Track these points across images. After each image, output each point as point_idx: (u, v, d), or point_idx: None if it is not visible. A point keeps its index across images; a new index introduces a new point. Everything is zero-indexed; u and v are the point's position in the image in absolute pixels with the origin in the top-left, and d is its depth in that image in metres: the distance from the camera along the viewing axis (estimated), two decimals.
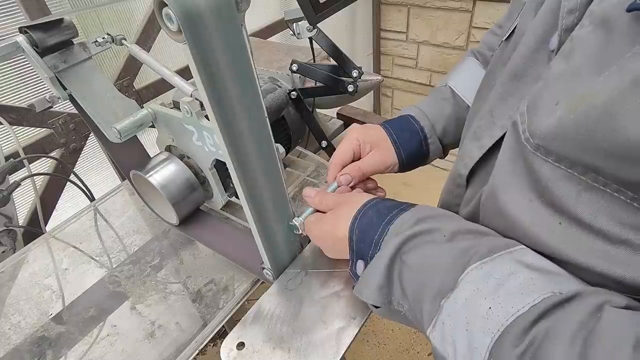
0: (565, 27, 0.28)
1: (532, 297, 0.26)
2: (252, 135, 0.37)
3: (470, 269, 0.30)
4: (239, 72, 0.33)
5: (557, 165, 0.26)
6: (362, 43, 2.02)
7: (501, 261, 0.29)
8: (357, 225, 0.40)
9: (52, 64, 0.50)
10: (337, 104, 0.78)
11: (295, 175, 0.71)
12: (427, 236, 0.35)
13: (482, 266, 0.30)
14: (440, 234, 0.34)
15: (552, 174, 0.27)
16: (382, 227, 0.38)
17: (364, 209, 0.41)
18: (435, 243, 0.34)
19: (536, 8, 0.34)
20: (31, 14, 0.80)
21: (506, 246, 0.31)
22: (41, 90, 0.88)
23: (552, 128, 0.26)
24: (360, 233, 0.40)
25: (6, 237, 0.72)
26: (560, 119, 0.25)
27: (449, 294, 0.30)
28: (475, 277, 0.29)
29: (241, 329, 0.43)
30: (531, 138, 0.28)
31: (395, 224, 0.37)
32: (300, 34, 0.55)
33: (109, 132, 0.52)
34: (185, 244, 0.62)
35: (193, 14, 0.28)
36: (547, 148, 0.27)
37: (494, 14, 1.65)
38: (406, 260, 0.34)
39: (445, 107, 0.55)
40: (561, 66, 0.27)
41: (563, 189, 0.26)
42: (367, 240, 0.39)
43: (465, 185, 0.40)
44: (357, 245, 0.40)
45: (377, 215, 0.39)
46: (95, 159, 1.06)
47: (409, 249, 0.35)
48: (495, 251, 0.30)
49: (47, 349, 0.50)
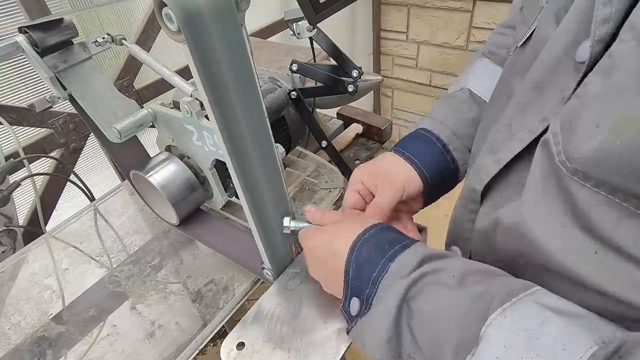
0: (598, 37, 0.26)
1: (578, 355, 0.23)
2: (252, 135, 0.37)
3: (491, 318, 0.27)
4: (239, 72, 0.33)
5: (596, 190, 0.25)
6: (362, 43, 2.02)
7: (524, 306, 0.27)
8: (355, 257, 0.37)
9: (52, 64, 0.50)
10: (337, 104, 0.78)
11: (295, 175, 0.71)
12: (434, 277, 0.32)
13: (504, 314, 0.27)
14: (448, 274, 0.32)
15: (590, 199, 0.25)
16: (382, 265, 0.35)
17: (362, 238, 0.38)
18: (445, 286, 0.31)
19: (557, 13, 0.33)
20: (31, 14, 0.80)
21: (524, 288, 0.28)
22: (41, 90, 0.88)
23: (594, 153, 0.24)
24: (357, 267, 0.36)
25: (6, 237, 0.72)
26: (603, 144, 0.23)
27: (473, 349, 0.27)
28: (501, 329, 0.26)
29: (241, 329, 0.43)
30: (568, 161, 0.26)
31: (398, 263, 0.34)
32: (300, 34, 0.55)
33: (109, 132, 0.52)
34: (185, 244, 0.62)
35: (193, 14, 0.28)
36: (586, 173, 0.25)
37: (494, 14, 1.65)
38: (415, 307, 0.32)
39: (465, 111, 0.50)
40: (600, 84, 0.25)
41: (601, 215, 0.25)
42: (364, 277, 0.35)
43: (479, 200, 0.37)
44: (353, 282, 0.36)
45: (377, 249, 0.36)
46: (95, 159, 1.06)
47: (416, 293, 0.32)
48: (513, 294, 0.28)
49: (47, 349, 0.50)
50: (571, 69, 0.29)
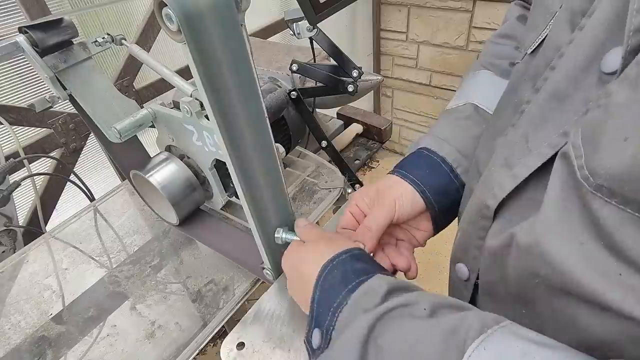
0: (631, 47, 0.24)
1: None
2: (252, 135, 0.37)
3: (470, 350, 0.25)
4: (239, 72, 0.33)
5: (622, 208, 0.23)
6: (362, 43, 2.03)
7: (502, 337, 0.26)
8: (320, 284, 0.35)
9: (52, 64, 0.50)
10: (337, 104, 0.78)
11: (295, 175, 0.71)
12: (403, 310, 0.30)
13: (483, 345, 0.25)
14: (418, 307, 0.30)
15: (614, 217, 0.23)
16: (345, 294, 0.33)
17: (331, 264, 0.36)
18: (415, 318, 0.29)
19: (571, 19, 0.31)
20: (31, 14, 0.80)
21: (495, 321, 0.27)
22: (41, 90, 0.88)
23: (622, 168, 0.22)
24: (321, 295, 0.34)
25: (6, 237, 0.72)
26: (633, 159, 0.22)
27: None
28: None
29: (241, 329, 0.43)
30: (591, 177, 0.24)
31: (360, 293, 0.32)
32: (300, 34, 0.55)
33: (109, 132, 0.52)
34: (185, 244, 0.62)
35: (193, 13, 0.28)
36: (611, 189, 0.23)
37: (494, 14, 1.65)
38: (383, 344, 0.29)
39: (471, 128, 0.47)
40: (627, 95, 0.23)
41: (627, 234, 0.23)
42: (325, 306, 0.33)
43: (492, 217, 0.35)
44: (317, 310, 0.34)
45: (342, 277, 0.34)
46: (95, 159, 1.06)
47: (383, 329, 0.29)
48: (487, 326, 0.27)
49: (47, 349, 0.50)
50: (595, 79, 0.27)
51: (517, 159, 0.32)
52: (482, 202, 0.35)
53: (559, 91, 0.30)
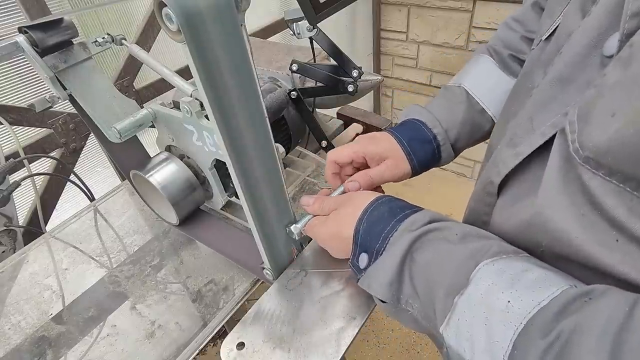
0: (627, 31, 0.25)
1: (551, 290, 0.26)
2: (252, 135, 0.37)
3: (482, 264, 0.30)
4: (239, 72, 0.33)
5: (608, 179, 0.25)
6: (362, 43, 2.02)
7: (513, 260, 0.30)
8: (367, 218, 0.40)
9: (52, 64, 0.50)
10: (337, 104, 0.78)
11: (295, 175, 0.71)
12: (438, 233, 0.35)
13: (494, 263, 0.30)
14: (451, 232, 0.35)
15: (601, 188, 0.25)
16: (394, 224, 0.38)
17: (375, 204, 0.41)
18: (446, 241, 0.34)
19: (583, 7, 0.32)
20: (31, 14, 0.80)
21: (515, 252, 0.31)
22: (41, 90, 0.88)
23: (607, 141, 0.24)
24: (368, 226, 0.40)
25: (6, 237, 0.72)
26: (618, 132, 0.23)
27: (462, 290, 0.30)
28: (489, 272, 0.30)
29: (241, 329, 0.43)
30: (581, 149, 0.26)
31: (407, 222, 0.38)
32: (300, 34, 0.55)
33: (109, 132, 0.52)
34: (185, 244, 0.62)
35: (193, 13, 0.28)
36: (598, 161, 0.25)
37: (494, 14, 1.65)
38: (417, 258, 0.35)
39: (459, 113, 0.53)
40: (618, 74, 0.25)
41: (613, 204, 0.25)
42: (375, 233, 0.39)
43: (496, 193, 0.38)
44: (363, 237, 0.40)
45: (389, 212, 0.40)
46: (95, 159, 1.06)
47: (420, 246, 0.35)
48: (505, 253, 0.31)
49: (47, 349, 0.50)
50: (598, 63, 0.29)
51: (521, 138, 0.34)
52: (488, 179, 0.38)
53: (563, 75, 0.32)
